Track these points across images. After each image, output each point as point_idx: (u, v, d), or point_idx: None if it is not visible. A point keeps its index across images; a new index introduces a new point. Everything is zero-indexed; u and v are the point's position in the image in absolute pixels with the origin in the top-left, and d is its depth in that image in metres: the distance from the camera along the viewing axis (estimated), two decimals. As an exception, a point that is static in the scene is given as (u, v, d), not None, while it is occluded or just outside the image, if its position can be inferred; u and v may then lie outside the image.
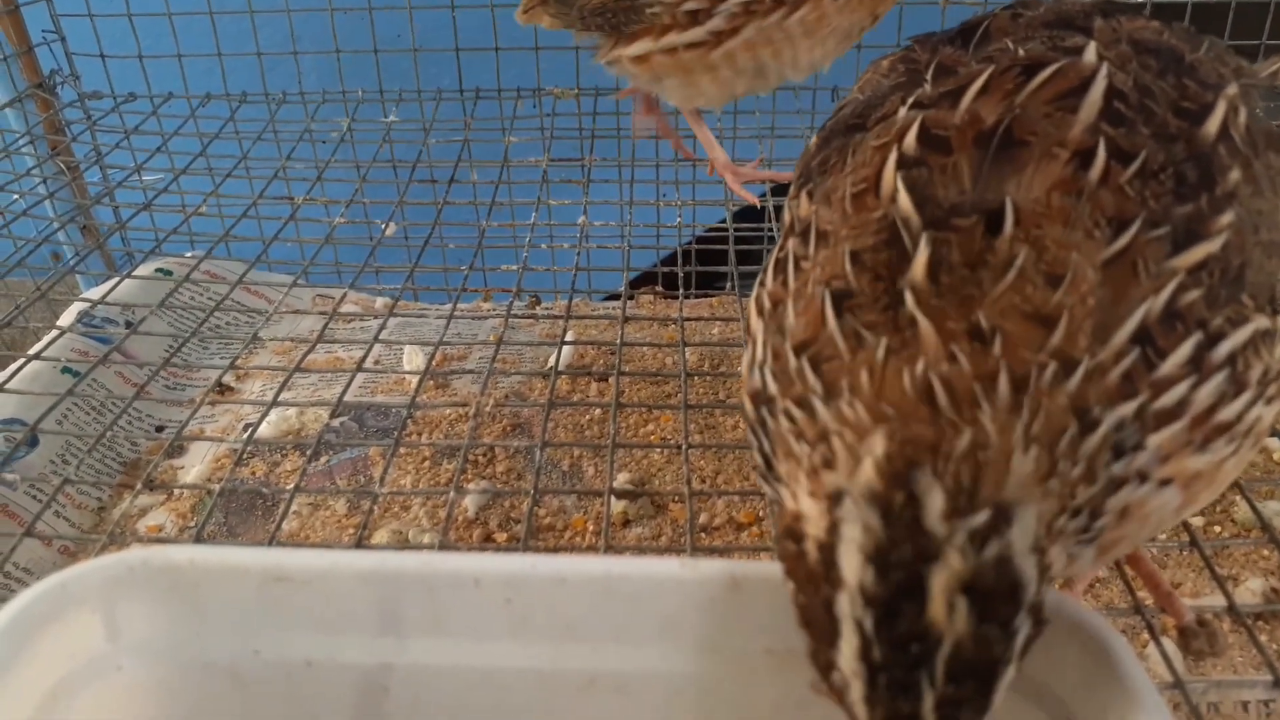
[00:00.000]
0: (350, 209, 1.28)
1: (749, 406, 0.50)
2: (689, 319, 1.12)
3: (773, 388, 0.47)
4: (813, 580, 0.42)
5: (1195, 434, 0.46)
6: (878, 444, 0.41)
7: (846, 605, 0.40)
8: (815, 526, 0.42)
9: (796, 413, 0.45)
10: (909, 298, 0.43)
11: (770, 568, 0.53)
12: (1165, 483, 0.46)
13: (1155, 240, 0.45)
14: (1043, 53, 0.54)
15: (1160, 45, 0.55)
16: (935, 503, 0.39)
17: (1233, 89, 0.53)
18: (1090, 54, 0.52)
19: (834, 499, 0.41)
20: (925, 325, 0.43)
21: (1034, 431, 0.41)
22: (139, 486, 0.84)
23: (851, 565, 0.40)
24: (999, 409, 0.41)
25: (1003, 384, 0.41)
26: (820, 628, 0.42)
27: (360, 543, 0.77)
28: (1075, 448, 0.42)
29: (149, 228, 1.33)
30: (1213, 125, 0.50)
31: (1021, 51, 0.54)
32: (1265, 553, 0.85)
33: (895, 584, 0.39)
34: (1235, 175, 0.49)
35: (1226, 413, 0.46)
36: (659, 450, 1.01)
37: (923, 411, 0.41)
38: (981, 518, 0.39)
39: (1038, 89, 0.50)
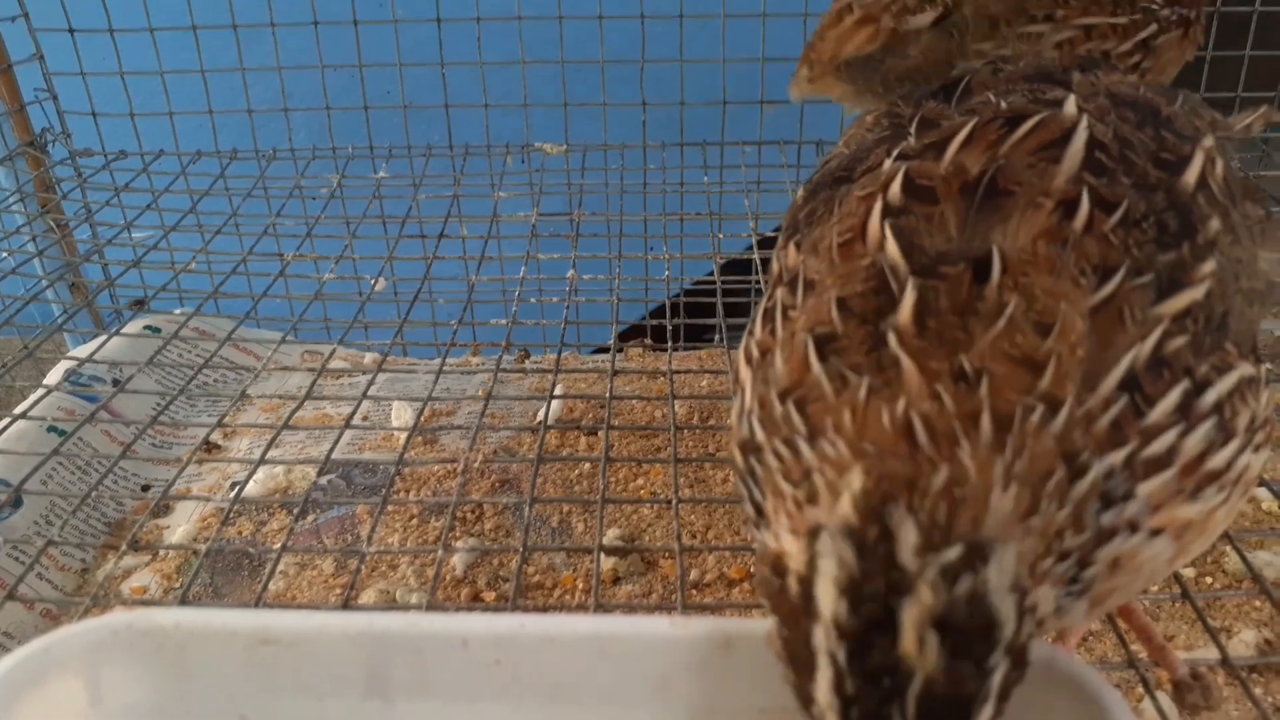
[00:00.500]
0: (340, 265, 1.28)
1: (738, 457, 0.50)
2: (678, 372, 1.13)
3: (760, 435, 0.47)
4: (794, 614, 0.42)
5: (1185, 482, 0.46)
6: (855, 480, 0.41)
7: (821, 638, 0.41)
8: (796, 561, 0.42)
9: (784, 451, 0.45)
10: (892, 338, 0.44)
11: (762, 626, 0.53)
12: (1156, 533, 0.46)
13: (1140, 288, 0.46)
14: (1024, 105, 0.55)
15: (1137, 99, 0.57)
16: (908, 537, 0.39)
17: (1209, 141, 0.54)
18: (1070, 106, 0.54)
19: (813, 534, 0.42)
20: (908, 364, 0.43)
21: (1016, 470, 0.41)
22: (124, 547, 0.83)
23: (826, 598, 0.40)
24: (980, 446, 0.41)
25: (985, 422, 0.41)
26: (800, 661, 0.42)
27: (347, 603, 0.76)
28: (1063, 491, 0.42)
29: (138, 285, 1.34)
30: (1191, 176, 0.51)
31: (1004, 104, 0.56)
32: (1257, 604, 0.85)
33: (867, 617, 0.39)
34: (1215, 224, 0.50)
35: (1216, 460, 0.47)
36: (648, 505, 1.00)
37: (901, 448, 0.41)
38: (954, 553, 0.39)
39: (1021, 140, 0.51)
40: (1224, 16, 1.41)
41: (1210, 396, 0.46)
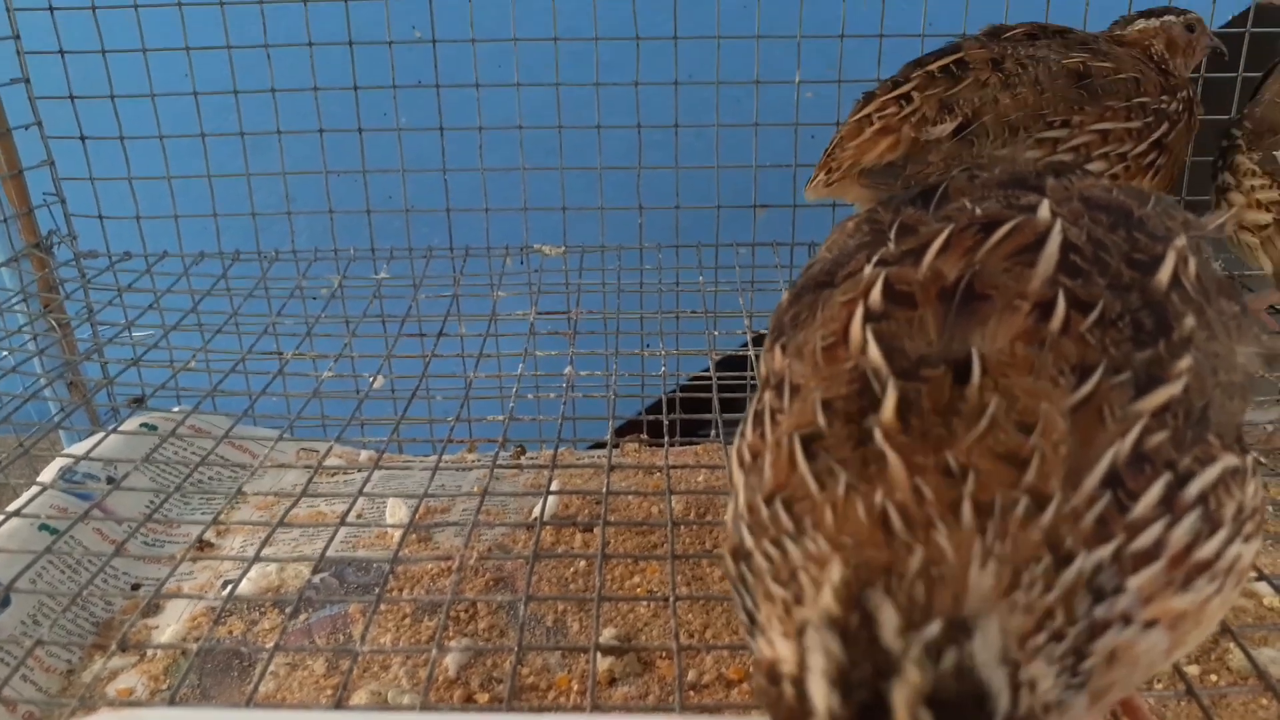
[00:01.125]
0: (338, 363, 1.29)
1: (730, 564, 0.50)
2: (674, 467, 1.12)
3: (749, 541, 0.48)
4: (793, 718, 0.42)
5: (1175, 573, 0.46)
6: (835, 571, 0.42)
7: None
8: (788, 665, 0.42)
9: (773, 552, 0.46)
10: (878, 434, 0.45)
11: (761, 724, 0.52)
12: (1151, 624, 0.46)
13: (1118, 386, 0.47)
14: (999, 211, 0.57)
15: (1110, 202, 0.59)
16: (889, 619, 0.40)
17: (1181, 240, 0.56)
18: (1044, 211, 0.55)
19: (801, 632, 0.42)
20: (894, 459, 0.44)
21: (996, 550, 0.41)
22: (113, 648, 0.82)
23: (819, 692, 0.40)
24: (959, 530, 0.42)
25: (966, 510, 0.42)
26: None
27: (340, 704, 0.75)
28: (1049, 577, 0.42)
29: (136, 383, 1.34)
30: (1164, 275, 0.53)
31: (979, 210, 0.57)
32: (1264, 701, 0.83)
33: (859, 704, 0.39)
34: (1190, 321, 0.52)
35: (1204, 551, 0.47)
36: (645, 603, 0.99)
37: (878, 536, 0.42)
38: (935, 629, 0.39)
39: (996, 245, 0.52)
40: (1204, 123, 1.46)
41: (1194, 488, 0.47)
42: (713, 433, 1.38)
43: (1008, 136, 1.11)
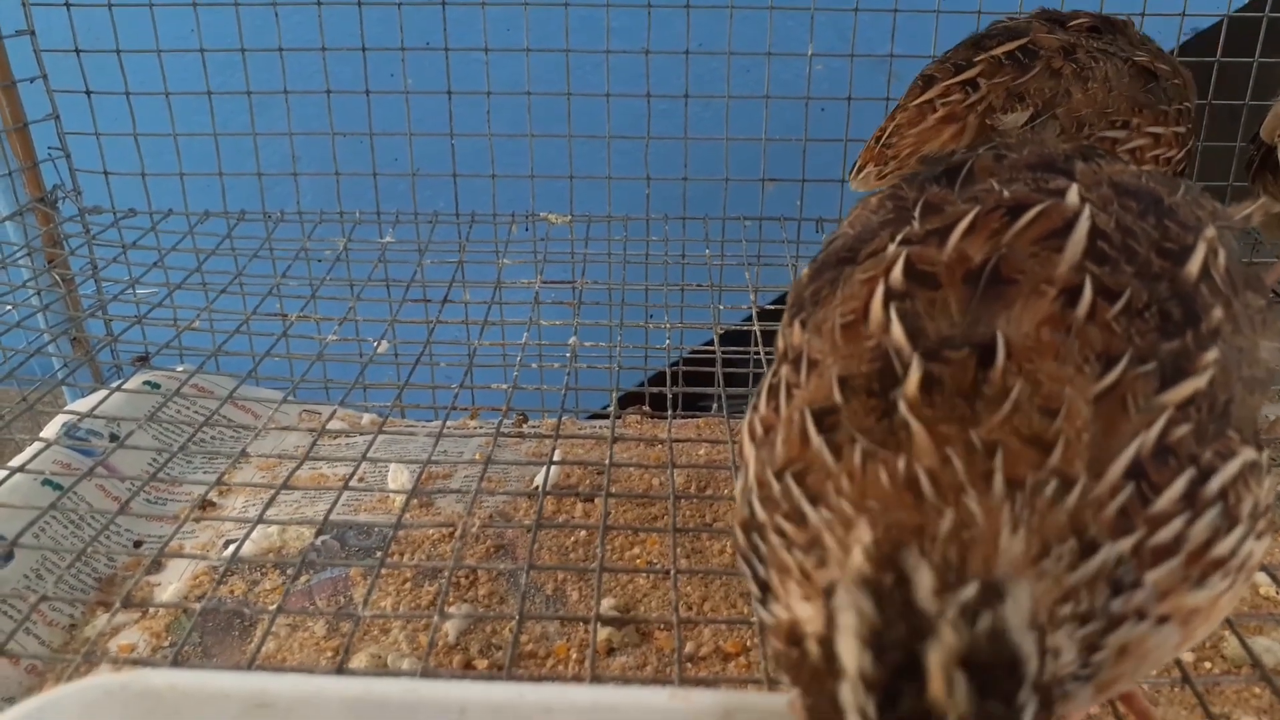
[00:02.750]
0: (342, 327, 1.29)
1: (740, 535, 0.50)
2: (676, 440, 1.13)
3: (761, 514, 0.48)
4: (817, 678, 0.41)
5: (1192, 570, 0.46)
6: (865, 532, 0.42)
7: (849, 694, 0.40)
8: (813, 624, 0.42)
9: (786, 526, 0.46)
10: (903, 405, 0.45)
11: (762, 699, 0.53)
12: (1163, 620, 0.46)
13: (1144, 376, 0.47)
14: (1027, 194, 0.56)
15: (1140, 188, 0.58)
16: (924, 580, 0.39)
17: (1211, 231, 0.55)
18: (1073, 195, 0.54)
19: (828, 593, 0.42)
20: (919, 428, 0.44)
21: (1025, 519, 0.41)
22: (117, 604, 0.82)
23: (849, 652, 0.40)
24: (989, 496, 0.42)
25: (997, 482, 0.42)
26: None
27: (341, 667, 0.75)
28: (1074, 559, 0.42)
29: (140, 341, 1.34)
30: (1194, 265, 0.52)
31: (1006, 192, 0.56)
32: (1256, 690, 0.84)
33: (893, 665, 0.39)
34: (1218, 314, 0.51)
35: (1221, 548, 0.47)
36: (644, 575, 1.00)
37: (906, 499, 0.42)
38: (971, 591, 0.39)
39: (1024, 229, 0.52)
40: (1214, 109, 1.45)
41: (1215, 483, 0.47)
42: (714, 406, 1.39)
43: (1075, 131, 1.09)
